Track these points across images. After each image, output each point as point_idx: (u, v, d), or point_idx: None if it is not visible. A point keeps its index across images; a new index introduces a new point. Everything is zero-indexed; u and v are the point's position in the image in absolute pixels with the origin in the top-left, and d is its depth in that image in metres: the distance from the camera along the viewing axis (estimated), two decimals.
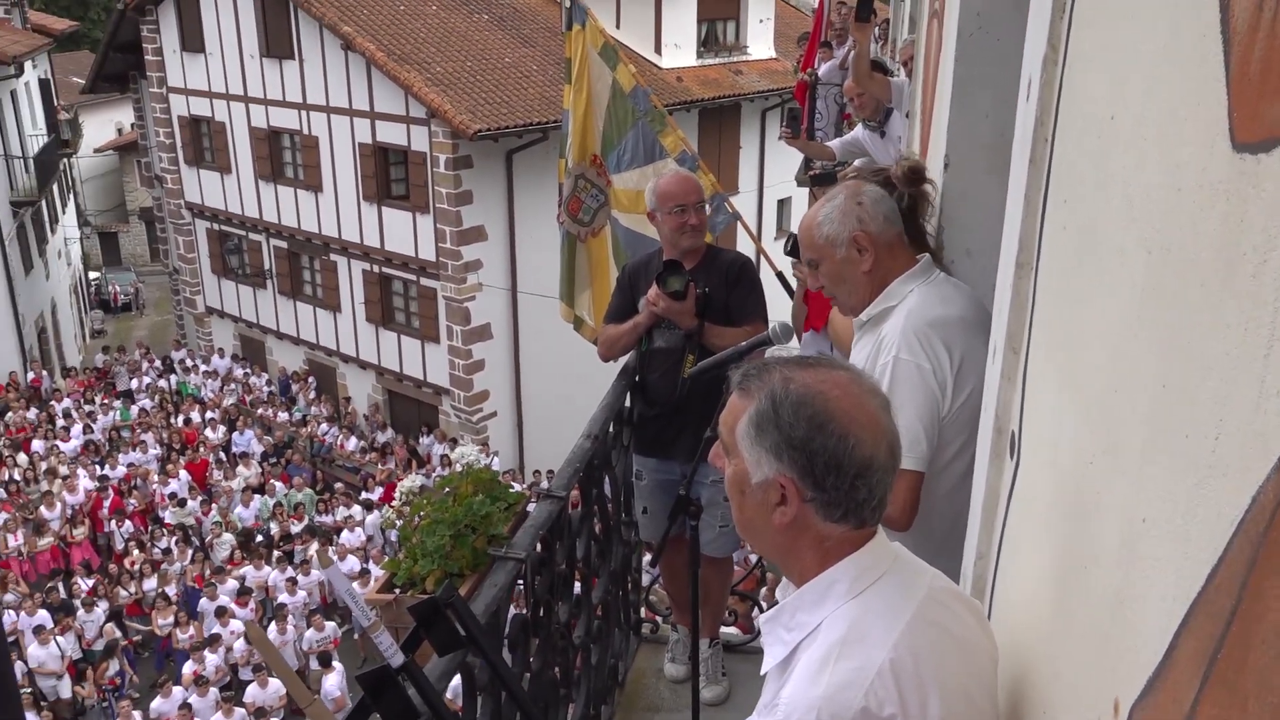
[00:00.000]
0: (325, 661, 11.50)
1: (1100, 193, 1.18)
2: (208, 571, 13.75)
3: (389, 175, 18.39)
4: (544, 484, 15.96)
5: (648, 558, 5.24)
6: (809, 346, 3.66)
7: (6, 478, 16.01)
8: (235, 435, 18.35)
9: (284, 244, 20.65)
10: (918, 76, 4.67)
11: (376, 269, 19.11)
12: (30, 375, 21.26)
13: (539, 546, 2.67)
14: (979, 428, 1.94)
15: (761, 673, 1.46)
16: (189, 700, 10.98)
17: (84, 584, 13.53)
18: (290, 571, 13.60)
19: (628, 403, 3.79)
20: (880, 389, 1.42)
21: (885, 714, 1.26)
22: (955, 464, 2.30)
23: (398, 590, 2.54)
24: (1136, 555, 0.98)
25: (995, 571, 1.71)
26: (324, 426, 19.30)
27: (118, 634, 12.67)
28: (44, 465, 16.38)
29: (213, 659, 11.83)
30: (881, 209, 2.43)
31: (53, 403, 19.52)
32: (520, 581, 2.58)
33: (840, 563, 1.37)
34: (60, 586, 13.38)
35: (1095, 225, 1.20)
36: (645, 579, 4.63)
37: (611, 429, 3.58)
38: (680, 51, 21.19)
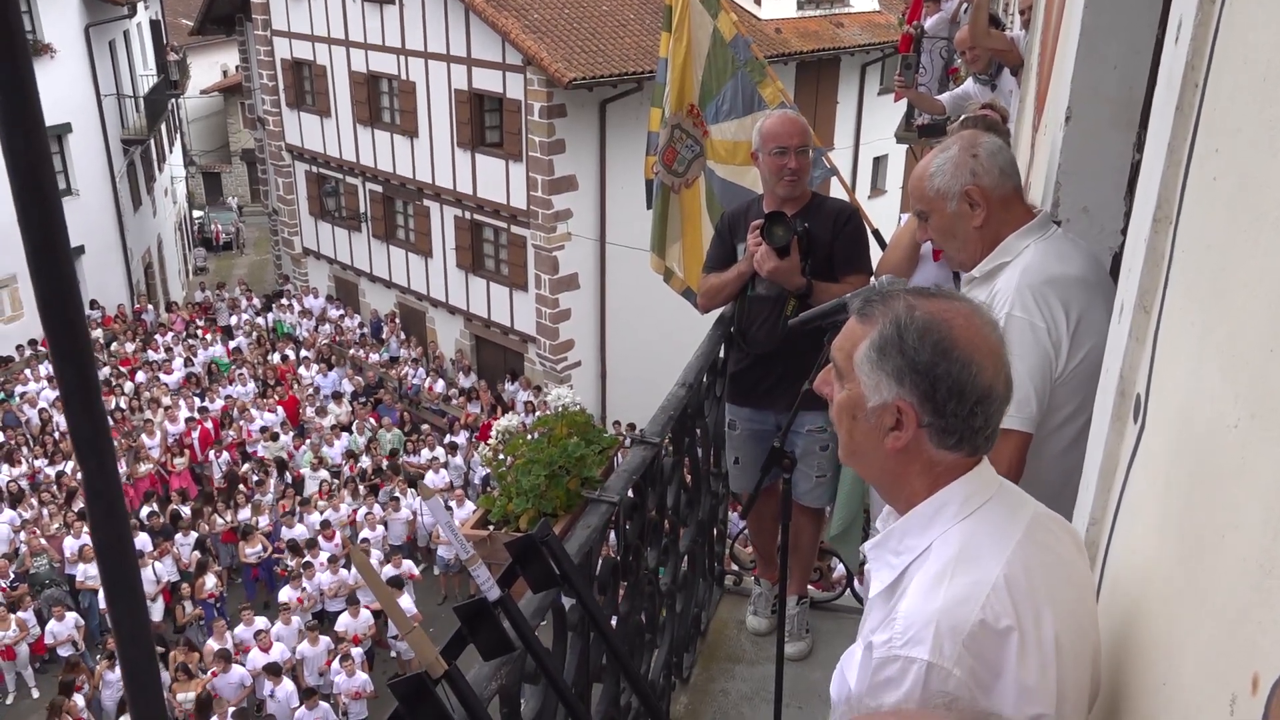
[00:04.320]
0: (396, 585, 11.79)
1: (1263, 139, 1.10)
2: (298, 507, 14.21)
3: (483, 122, 18.48)
4: (625, 435, 16.07)
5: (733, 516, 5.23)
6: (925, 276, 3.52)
7: (113, 406, 16.71)
8: (326, 375, 18.85)
9: (379, 188, 20.98)
10: (1036, 27, 4.48)
11: (468, 215, 19.31)
12: (134, 306, 22.09)
13: (631, 491, 2.68)
14: (1098, 390, 1.86)
15: (870, 596, 1.47)
16: (271, 629, 11.42)
17: (183, 511, 14.12)
18: (376, 508, 13.97)
19: (722, 353, 3.76)
20: (999, 323, 1.43)
21: (1001, 626, 1.28)
22: (1066, 428, 2.22)
23: (491, 527, 2.58)
24: None
25: (1110, 538, 1.65)
26: (408, 369, 19.70)
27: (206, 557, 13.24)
28: (147, 395, 17.06)
29: (308, 588, 12.25)
30: (998, 162, 2.34)
31: (156, 336, 20.29)
32: (612, 525, 2.59)
33: (949, 485, 1.39)
34: (161, 512, 13.98)
35: (1255, 175, 1.12)
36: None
37: (705, 379, 3.56)
38: (780, 2, 20.74)
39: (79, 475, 0.88)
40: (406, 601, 11.66)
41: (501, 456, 2.80)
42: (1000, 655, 1.28)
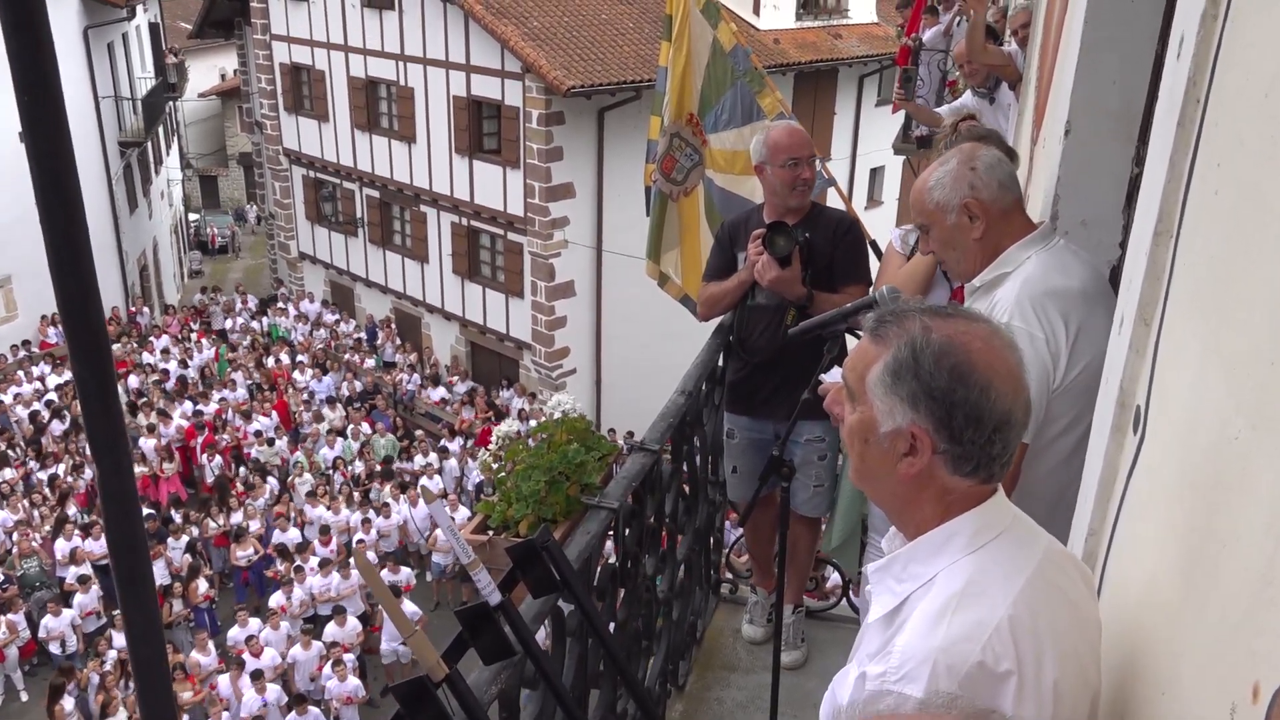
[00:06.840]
0: (395, 593, 11.79)
1: (1264, 154, 1.12)
2: (293, 512, 14.16)
3: (481, 129, 18.51)
4: (621, 442, 16.03)
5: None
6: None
7: None
8: (321, 379, 18.82)
9: (376, 193, 20.99)
10: (1035, 41, 4.51)
11: (465, 222, 19.32)
12: (130, 309, 22.04)
13: (630, 498, 2.68)
14: (1097, 401, 1.88)
15: (868, 621, 1.43)
16: (260, 633, 11.38)
17: (175, 515, 14.08)
18: (370, 513, 13.94)
19: (721, 361, 3.77)
20: (1018, 344, 1.38)
21: (1001, 669, 1.24)
22: (1063, 439, 2.24)
23: (491, 532, 2.58)
24: None
25: (1109, 548, 1.66)
26: (403, 375, 19.68)
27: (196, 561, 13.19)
28: (142, 400, 17.02)
29: (299, 593, 12.22)
30: (996, 175, 2.36)
31: (151, 339, 20.24)
32: (611, 531, 2.60)
33: (961, 516, 1.34)
34: (156, 514, 13.93)
35: (1257, 188, 1.14)
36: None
37: (704, 387, 3.57)
38: (779, 13, 20.82)
39: (69, 479, 0.88)
40: (410, 607, 11.65)
41: (501, 462, 2.80)
42: (995, 699, 1.24)
